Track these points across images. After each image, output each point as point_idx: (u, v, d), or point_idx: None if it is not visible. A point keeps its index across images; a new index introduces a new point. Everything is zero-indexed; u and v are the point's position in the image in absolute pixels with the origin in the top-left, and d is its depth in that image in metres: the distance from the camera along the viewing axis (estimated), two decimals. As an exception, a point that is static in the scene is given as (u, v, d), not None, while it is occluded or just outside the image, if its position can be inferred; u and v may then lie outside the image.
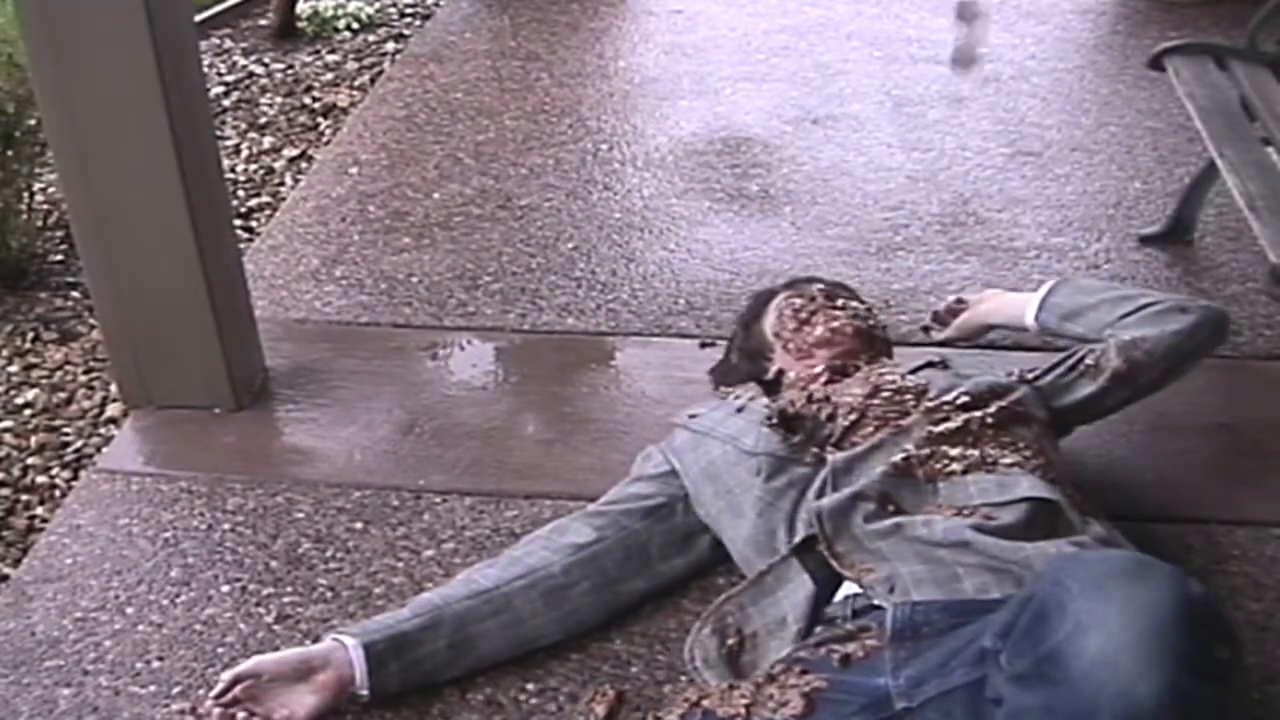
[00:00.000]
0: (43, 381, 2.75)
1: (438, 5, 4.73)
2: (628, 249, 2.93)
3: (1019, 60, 3.97)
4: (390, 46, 4.46)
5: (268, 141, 3.81)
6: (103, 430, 2.58)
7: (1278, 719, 1.74)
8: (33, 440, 2.57)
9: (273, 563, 2.03)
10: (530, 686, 1.79)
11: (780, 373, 2.08)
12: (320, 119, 3.93)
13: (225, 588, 1.98)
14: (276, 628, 1.90)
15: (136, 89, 2.06)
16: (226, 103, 4.06)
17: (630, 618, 1.89)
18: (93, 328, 2.87)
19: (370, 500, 2.16)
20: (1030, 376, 1.99)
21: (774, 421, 1.88)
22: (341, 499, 2.16)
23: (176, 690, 1.79)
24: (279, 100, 4.08)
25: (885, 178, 3.24)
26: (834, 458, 1.81)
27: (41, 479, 2.47)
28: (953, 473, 1.75)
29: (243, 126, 3.91)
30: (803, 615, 1.68)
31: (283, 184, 3.55)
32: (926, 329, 2.47)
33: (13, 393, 2.71)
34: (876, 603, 1.61)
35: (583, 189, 3.22)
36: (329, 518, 2.12)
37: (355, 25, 4.62)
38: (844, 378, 2.00)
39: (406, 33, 4.56)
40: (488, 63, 4.03)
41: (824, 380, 2.01)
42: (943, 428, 1.80)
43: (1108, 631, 1.23)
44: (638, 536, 1.90)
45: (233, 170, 3.61)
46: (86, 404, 2.67)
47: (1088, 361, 1.99)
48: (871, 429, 1.84)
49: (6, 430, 2.59)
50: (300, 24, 4.60)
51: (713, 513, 1.89)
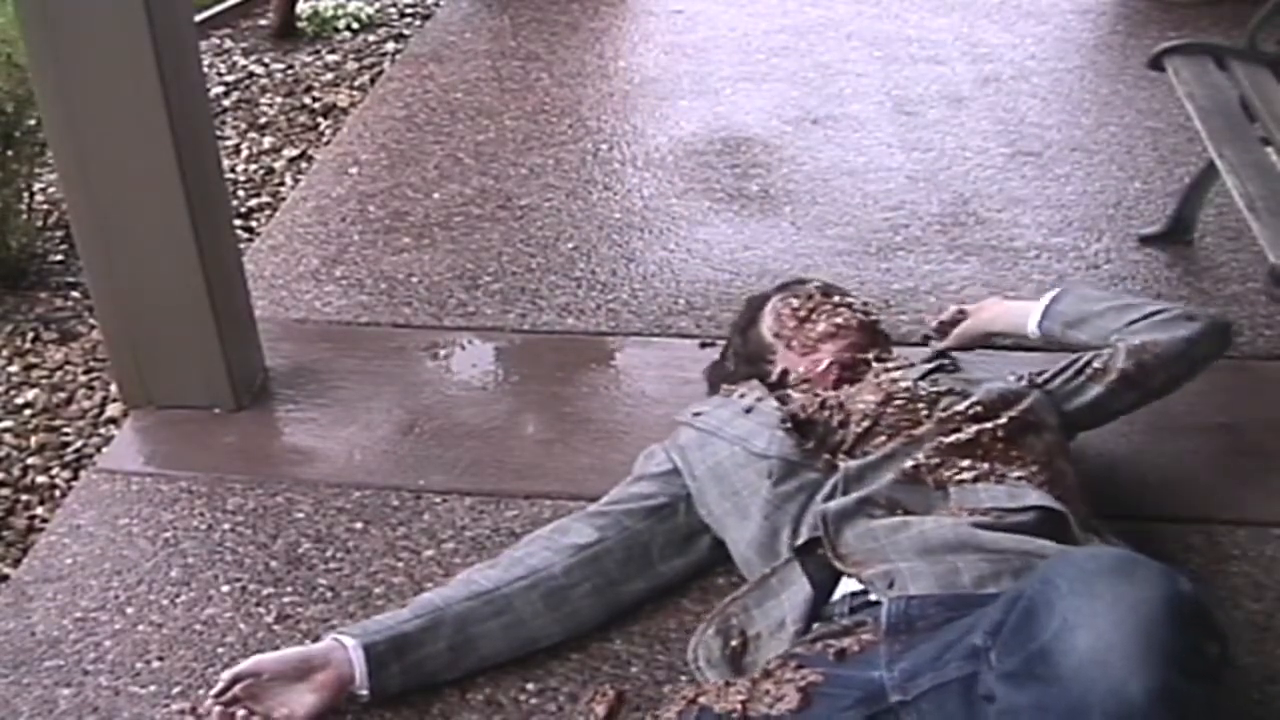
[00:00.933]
0: (43, 381, 2.75)
1: (438, 5, 4.73)
2: (628, 249, 2.93)
3: (1019, 60, 3.97)
4: (390, 46, 4.46)
5: (268, 141, 3.81)
6: (103, 430, 2.58)
7: (1277, 719, 1.74)
8: (33, 440, 2.57)
9: (273, 563, 2.03)
10: (530, 686, 1.79)
11: (785, 373, 2.08)
12: (320, 119, 3.93)
13: (225, 588, 1.98)
14: (276, 628, 1.90)
15: (136, 89, 2.06)
16: (226, 103, 4.06)
17: (630, 618, 1.89)
18: (93, 328, 2.87)
19: (370, 500, 2.16)
20: (1040, 380, 1.99)
21: (789, 425, 1.88)
22: (341, 499, 2.16)
23: (176, 690, 1.79)
24: (279, 100, 4.08)
25: (885, 178, 3.24)
26: (846, 465, 1.81)
27: (41, 479, 2.47)
28: (963, 480, 1.75)
29: (243, 126, 3.91)
30: (800, 617, 1.68)
31: (283, 184, 3.55)
32: (926, 339, 2.46)
33: (13, 393, 2.71)
34: (873, 599, 1.61)
35: (583, 189, 3.22)
36: (329, 518, 2.12)
37: (355, 25, 4.62)
38: (853, 378, 2.00)
39: (406, 33, 4.56)
40: (488, 63, 4.03)
41: (833, 379, 2.01)
42: (954, 439, 1.80)
43: (1097, 630, 1.23)
44: (639, 537, 1.90)
45: (233, 170, 3.61)
46: (86, 404, 2.67)
47: (1095, 365, 1.99)
48: (884, 438, 1.84)
49: (6, 430, 2.59)
50: (300, 24, 4.60)
51: (717, 513, 1.89)
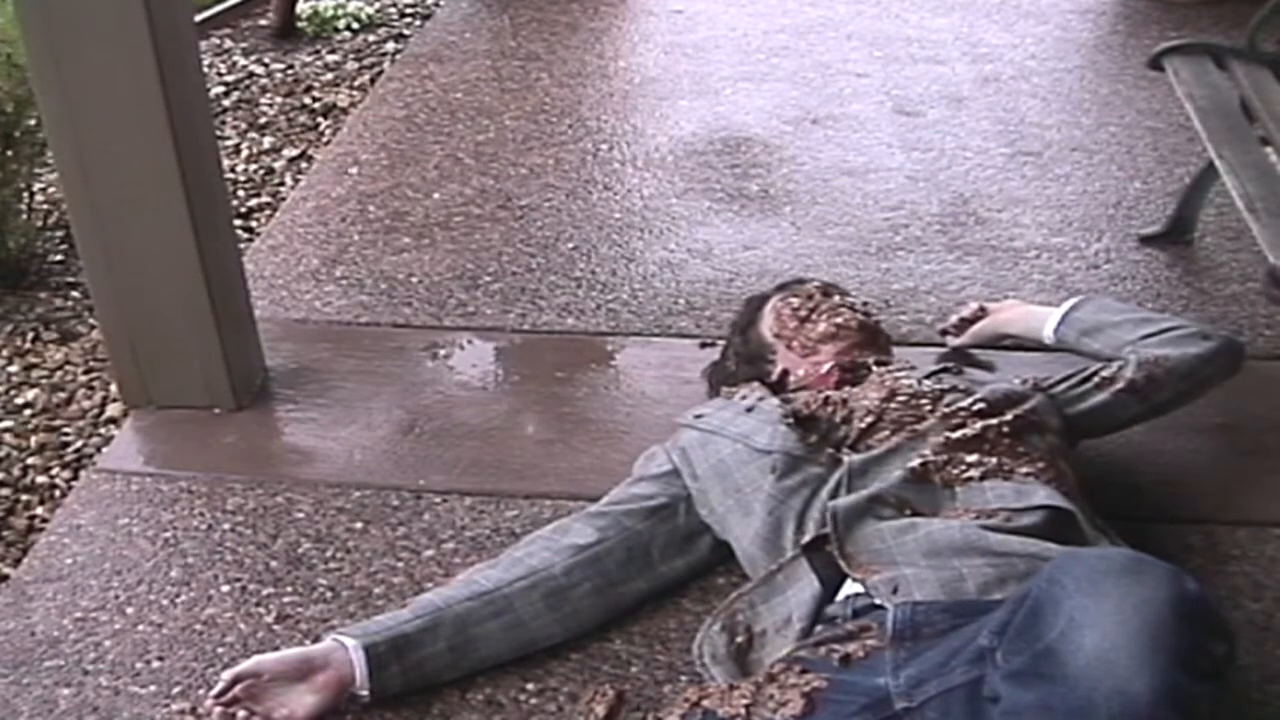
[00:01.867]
0: (43, 381, 2.75)
1: (438, 5, 4.73)
2: (628, 249, 2.93)
3: (1019, 60, 3.97)
4: (390, 46, 4.46)
5: (268, 141, 3.81)
6: (103, 430, 2.58)
7: (1277, 719, 1.74)
8: (33, 440, 2.57)
9: (273, 563, 2.03)
10: (530, 686, 1.79)
11: (785, 373, 2.08)
12: (320, 119, 3.93)
13: (225, 588, 1.98)
14: (276, 628, 1.90)
15: (136, 89, 2.06)
16: (226, 103, 4.06)
17: (630, 618, 1.89)
18: (93, 328, 2.87)
19: (370, 500, 2.16)
20: (1044, 385, 1.99)
21: (791, 420, 1.88)
22: (341, 499, 2.16)
23: (176, 690, 1.79)
24: (279, 100, 4.08)
25: (885, 178, 3.24)
26: (851, 459, 1.81)
27: (41, 479, 2.47)
28: (970, 479, 1.75)
29: (243, 126, 3.91)
30: (806, 614, 1.68)
31: (283, 184, 3.55)
32: (944, 333, 2.47)
33: (13, 393, 2.71)
34: (878, 602, 1.61)
35: (583, 189, 3.22)
36: (329, 518, 2.12)
37: (355, 25, 4.62)
38: (855, 379, 2.00)
39: (406, 33, 4.56)
40: (488, 63, 4.03)
41: (834, 380, 2.01)
42: (959, 434, 1.81)
43: (1103, 629, 1.23)
44: (639, 537, 1.90)
45: (233, 170, 3.61)
46: (86, 404, 2.67)
47: (1104, 374, 2.01)
48: (888, 432, 1.84)
49: (6, 430, 2.59)
50: (300, 24, 4.60)
51: (720, 511, 1.89)
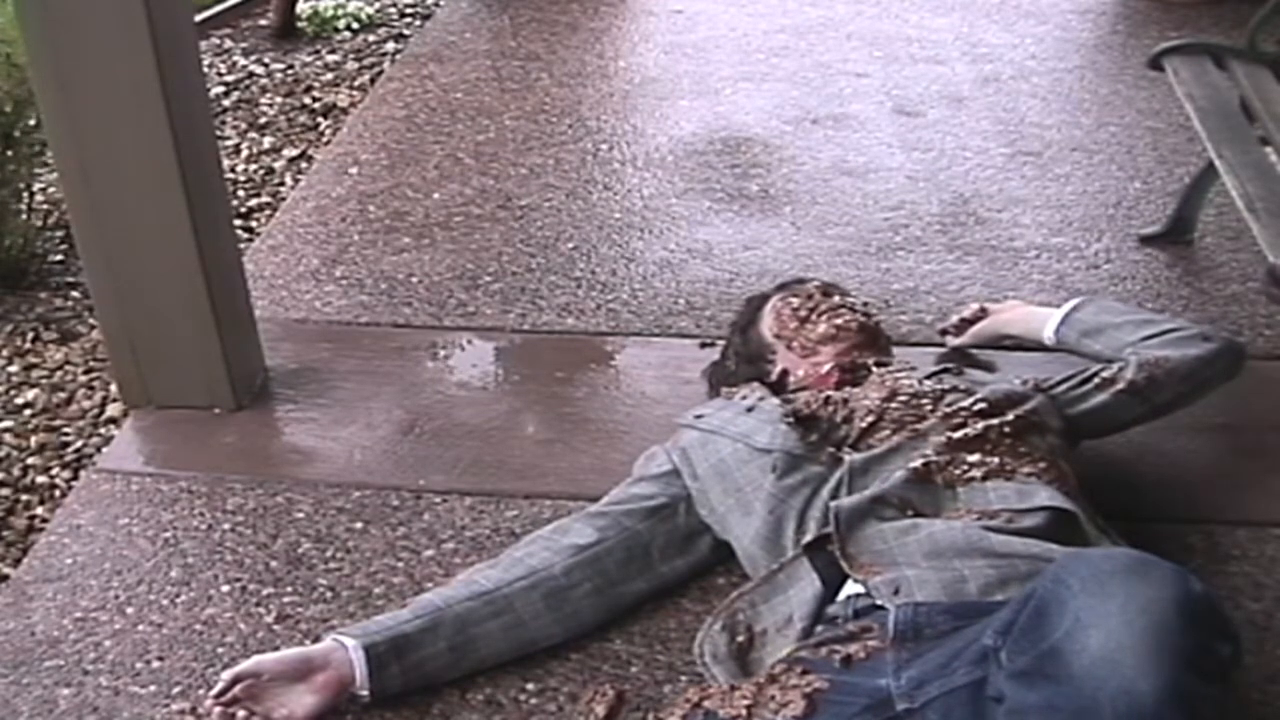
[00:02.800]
0: (43, 381, 2.75)
1: (438, 5, 4.73)
2: (628, 249, 2.93)
3: (1019, 60, 3.97)
4: (390, 46, 4.46)
5: (268, 141, 3.81)
6: (103, 430, 2.58)
7: (1278, 719, 1.74)
8: (33, 440, 2.57)
9: (273, 563, 2.03)
10: (530, 686, 1.79)
11: (784, 373, 2.08)
12: (320, 119, 3.93)
13: (225, 588, 1.98)
14: (276, 628, 1.90)
15: (136, 89, 2.06)
16: (226, 103, 4.06)
17: (630, 618, 1.89)
18: (93, 328, 2.87)
19: (370, 500, 2.16)
20: (1045, 385, 1.99)
21: (791, 419, 1.88)
22: (341, 499, 2.16)
23: (176, 690, 1.79)
24: (279, 100, 4.08)
25: (885, 178, 3.24)
26: (852, 458, 1.81)
27: (41, 479, 2.47)
28: (972, 479, 1.75)
29: (243, 126, 3.91)
30: (808, 614, 1.68)
31: (283, 184, 3.55)
32: (943, 333, 2.48)
33: (13, 393, 2.71)
34: (879, 603, 1.61)
35: (583, 189, 3.21)
36: (329, 518, 2.12)
37: (355, 25, 4.62)
38: (855, 379, 2.00)
39: (406, 33, 4.56)
40: (488, 63, 4.03)
41: (835, 381, 2.01)
42: (961, 434, 1.81)
43: (1109, 629, 1.23)
44: (639, 537, 1.90)
45: (233, 170, 3.61)
46: (86, 404, 2.67)
47: (1104, 375, 2.02)
48: (889, 432, 1.84)
49: (6, 430, 2.59)
50: (300, 24, 4.60)
51: (720, 511, 1.89)
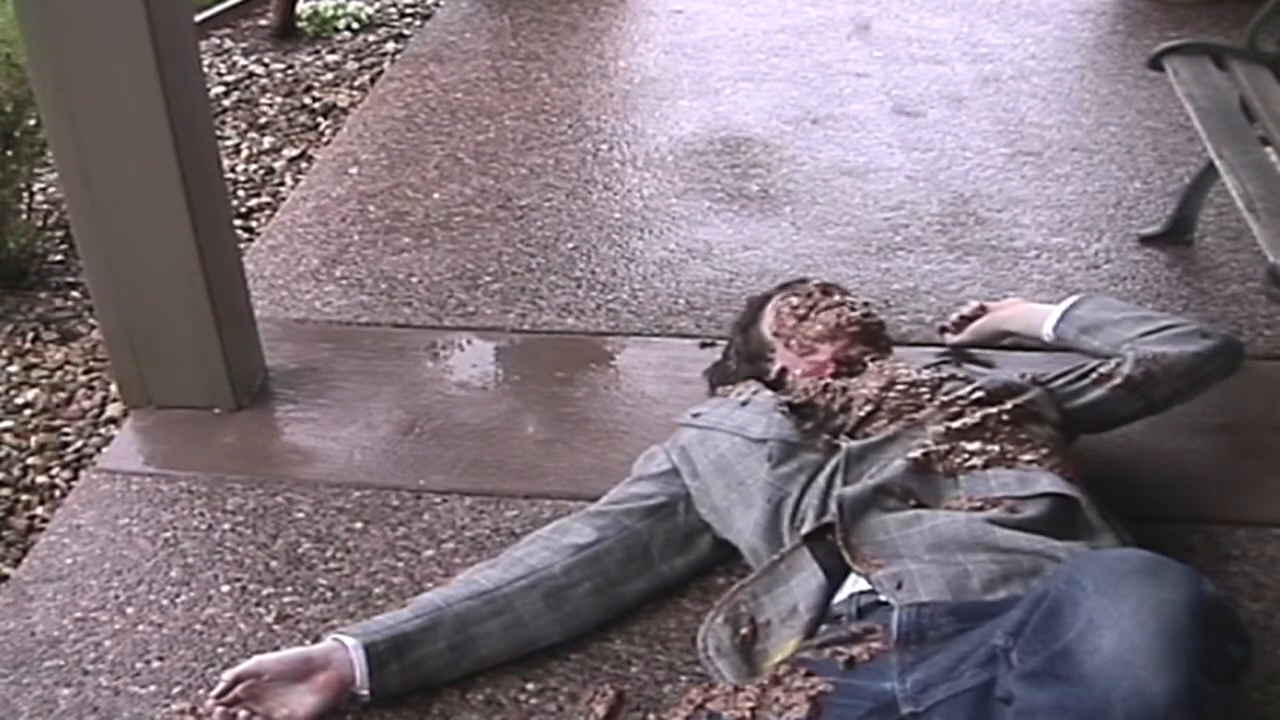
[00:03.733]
0: (43, 381, 2.75)
1: (438, 5, 4.73)
2: (628, 249, 2.93)
3: (1019, 60, 3.97)
4: (390, 46, 4.46)
5: (268, 141, 3.81)
6: (103, 430, 2.58)
7: (1278, 719, 1.74)
8: (33, 440, 2.57)
9: (273, 563, 2.03)
10: (530, 686, 1.79)
11: (783, 371, 2.09)
12: (320, 119, 3.93)
13: (225, 588, 1.98)
14: (276, 628, 1.90)
15: (136, 89, 2.06)
16: (226, 103, 4.06)
17: (630, 618, 1.89)
18: (93, 328, 2.87)
19: (370, 500, 2.16)
20: (1043, 379, 2.00)
21: (786, 408, 1.88)
22: (341, 499, 2.16)
23: (176, 690, 1.79)
24: (279, 100, 4.08)
25: (885, 178, 3.24)
26: (848, 445, 1.82)
27: (41, 479, 2.47)
28: (973, 467, 1.76)
29: (243, 126, 3.91)
30: (814, 605, 1.68)
31: (283, 184, 3.55)
32: (942, 330, 2.48)
33: (13, 393, 2.71)
34: (882, 598, 1.61)
35: (583, 189, 3.21)
36: (329, 518, 2.12)
37: (355, 25, 4.62)
38: (851, 371, 2.01)
39: (406, 33, 4.56)
40: (488, 63, 4.03)
41: (831, 371, 2.02)
42: (960, 423, 1.81)
43: (1121, 630, 1.23)
44: (639, 536, 1.90)
45: (233, 170, 3.61)
46: (86, 404, 2.67)
47: (1102, 370, 2.02)
48: (886, 420, 1.85)
49: (6, 430, 2.59)
50: (300, 24, 4.60)
51: (723, 506, 1.89)
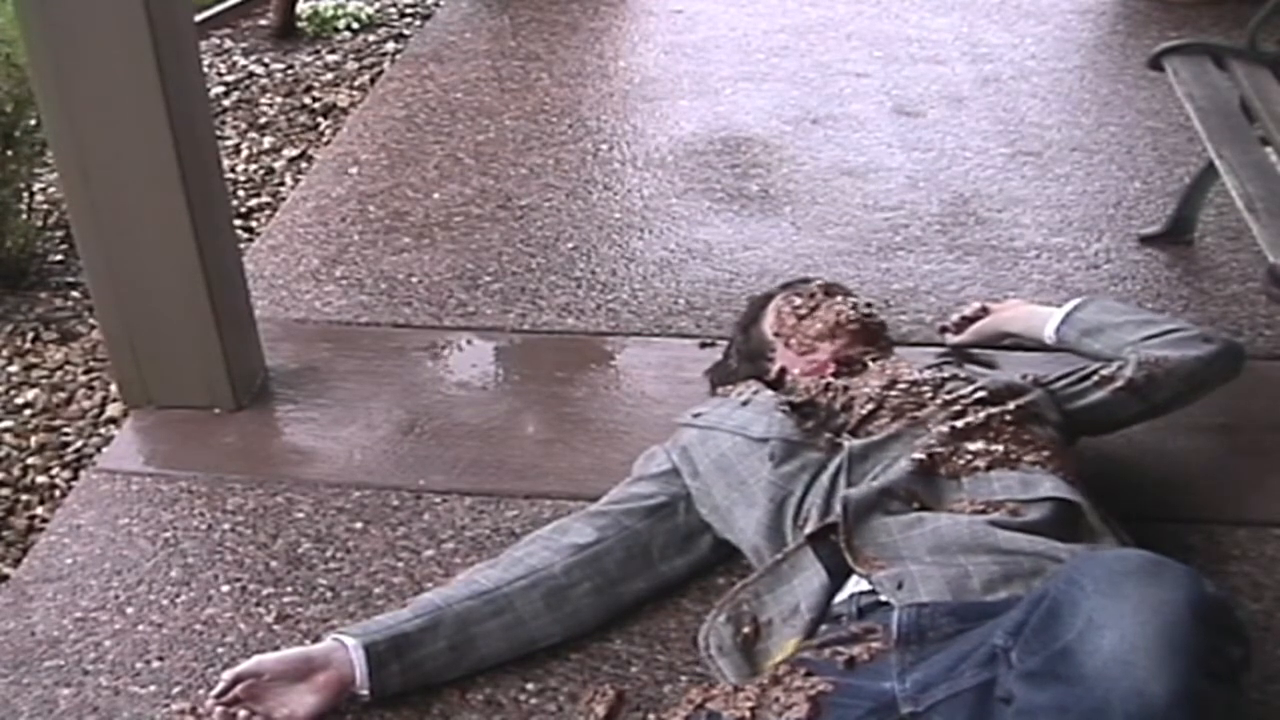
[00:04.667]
0: (43, 381, 2.75)
1: (438, 5, 4.73)
2: (628, 249, 2.93)
3: (1019, 60, 3.97)
4: (390, 46, 4.46)
5: (268, 141, 3.81)
6: (103, 430, 2.58)
7: (1278, 718, 1.74)
8: (33, 440, 2.57)
9: (273, 563, 2.03)
10: (530, 686, 1.79)
11: (783, 371, 2.09)
12: (320, 119, 3.93)
13: (225, 588, 1.98)
14: (276, 628, 1.90)
15: (136, 89, 2.06)
16: (226, 103, 4.06)
17: (630, 618, 1.89)
18: (93, 328, 2.87)
19: (370, 500, 2.16)
20: (1044, 381, 2.00)
21: (788, 407, 1.88)
22: (341, 499, 2.16)
23: (176, 690, 1.79)
24: (279, 100, 4.08)
25: (885, 178, 3.24)
26: (851, 444, 1.82)
27: (41, 479, 2.47)
28: (976, 468, 1.76)
29: (243, 126, 3.91)
30: (815, 605, 1.68)
31: (283, 184, 3.55)
32: (943, 329, 2.48)
33: (13, 393, 2.71)
34: (883, 599, 1.61)
35: (583, 189, 3.21)
36: (329, 518, 2.12)
37: (355, 25, 4.62)
38: (852, 371, 2.01)
39: (406, 33, 4.56)
40: (488, 63, 4.03)
41: (831, 371, 2.02)
42: (963, 423, 1.81)
43: (1121, 630, 1.23)
44: (639, 536, 1.90)
45: (233, 170, 3.61)
46: (86, 404, 2.67)
47: (1103, 373, 2.02)
48: (888, 419, 1.85)
49: (6, 430, 2.59)
50: (300, 24, 4.60)
51: (724, 506, 1.89)
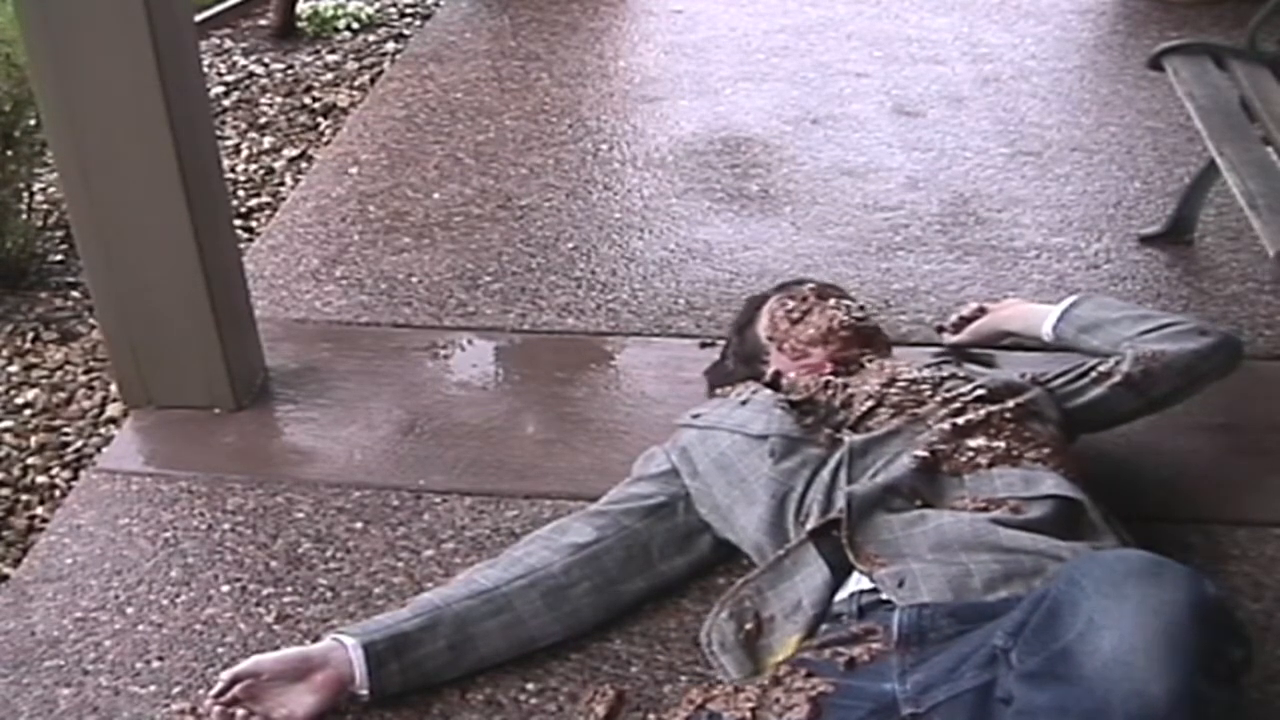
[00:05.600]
0: (43, 381, 2.74)
1: (438, 5, 4.73)
2: (628, 249, 2.93)
3: (1019, 60, 3.97)
4: (390, 46, 4.46)
5: (268, 141, 3.81)
6: (103, 430, 2.58)
7: (1277, 718, 1.74)
8: (33, 440, 2.57)
9: (273, 563, 2.03)
10: (530, 686, 1.79)
11: (777, 374, 2.09)
12: (320, 119, 3.93)
13: (225, 588, 1.98)
14: (276, 628, 1.90)
15: (136, 89, 2.06)
16: (226, 103, 4.06)
17: (630, 618, 1.89)
18: (93, 328, 2.86)
19: (370, 500, 2.16)
20: (1043, 379, 2.00)
21: (786, 404, 1.88)
22: (341, 499, 2.16)
23: (176, 690, 1.79)
24: (279, 100, 4.07)
25: (885, 178, 3.24)
26: (851, 439, 1.82)
27: (41, 479, 2.47)
28: (978, 465, 1.76)
29: (243, 126, 3.91)
30: (818, 600, 1.69)
31: (283, 184, 3.55)
32: (941, 329, 2.48)
33: (13, 393, 2.71)
34: (884, 597, 1.61)
35: (583, 189, 3.21)
36: (329, 518, 2.12)
37: (355, 25, 4.62)
38: (849, 371, 2.01)
39: (406, 33, 4.56)
40: (488, 63, 4.03)
41: (829, 370, 2.02)
42: (964, 420, 1.81)
43: (1122, 631, 1.23)
44: (638, 536, 1.90)
45: (233, 170, 3.61)
46: (86, 404, 2.67)
47: (1100, 369, 2.02)
48: (888, 415, 1.86)
49: (6, 430, 2.59)
50: (300, 24, 4.60)
51: (725, 504, 1.89)
